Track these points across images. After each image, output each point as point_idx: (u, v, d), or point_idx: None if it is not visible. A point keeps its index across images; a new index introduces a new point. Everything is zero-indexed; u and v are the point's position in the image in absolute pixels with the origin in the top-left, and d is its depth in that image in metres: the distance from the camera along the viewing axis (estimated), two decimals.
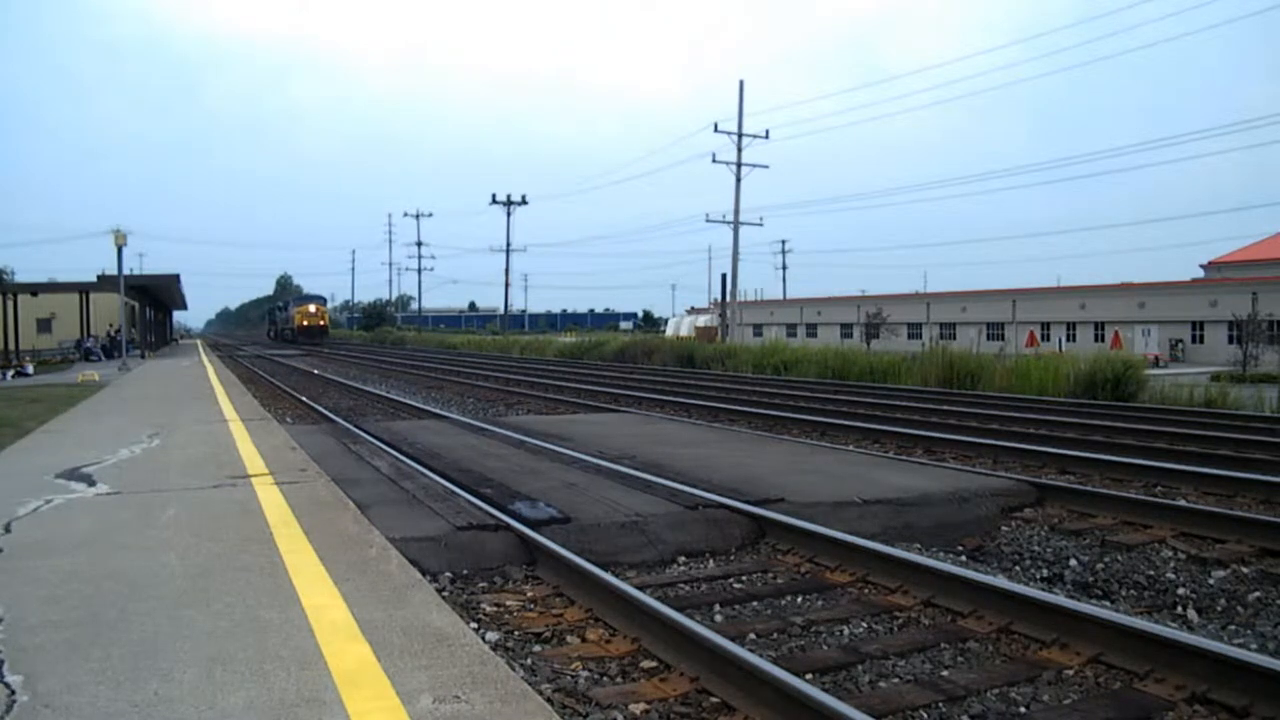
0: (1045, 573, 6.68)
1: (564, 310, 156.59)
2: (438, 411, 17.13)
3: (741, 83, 44.94)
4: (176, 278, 47.39)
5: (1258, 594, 5.98)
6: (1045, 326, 53.57)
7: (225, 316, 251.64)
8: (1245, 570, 6.33)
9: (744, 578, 6.13)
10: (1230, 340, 40.80)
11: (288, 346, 74.43)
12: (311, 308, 77.17)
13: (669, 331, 77.04)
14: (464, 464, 9.48)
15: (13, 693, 3.20)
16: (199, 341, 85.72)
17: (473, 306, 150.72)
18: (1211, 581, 6.22)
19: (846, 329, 64.39)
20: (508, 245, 67.12)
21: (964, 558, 6.92)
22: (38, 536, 5.58)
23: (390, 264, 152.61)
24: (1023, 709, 4.15)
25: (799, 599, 5.71)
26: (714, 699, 4.11)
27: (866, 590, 5.81)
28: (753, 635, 5.01)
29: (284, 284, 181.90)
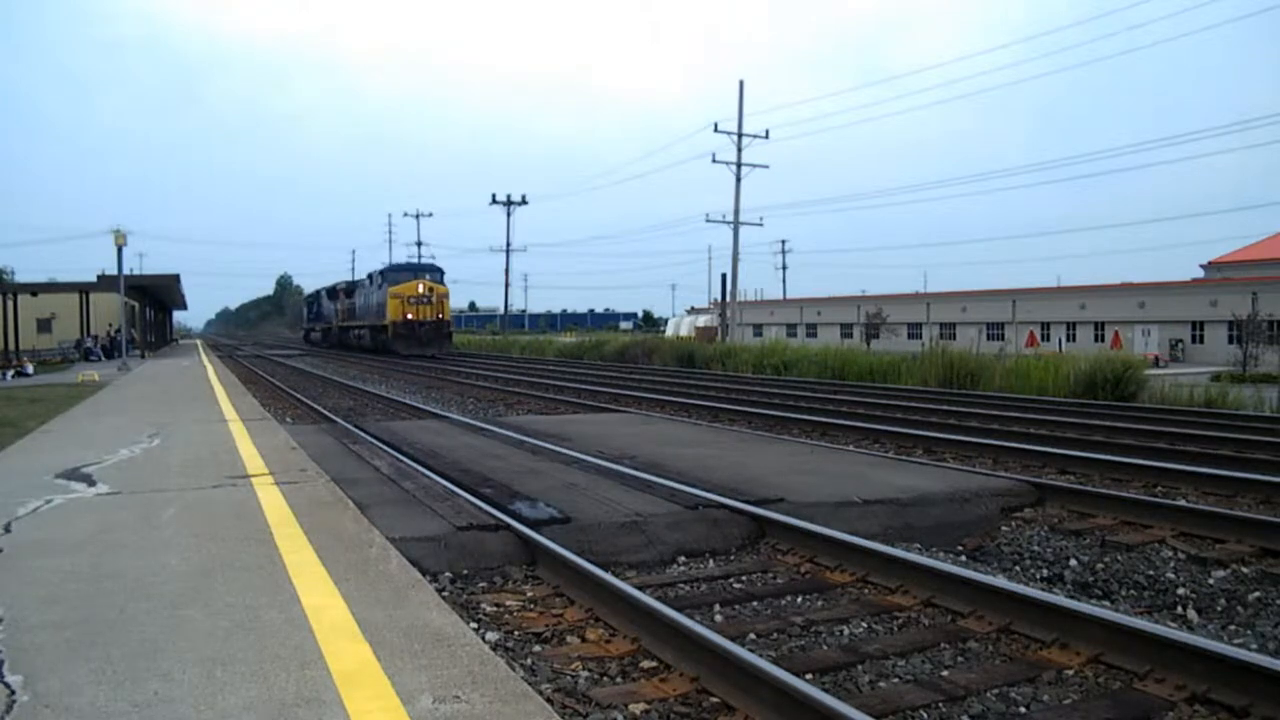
0: (1045, 573, 6.68)
1: (564, 310, 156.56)
2: (437, 411, 17.13)
3: (741, 83, 44.98)
4: (176, 278, 47.48)
5: (1258, 594, 5.98)
6: (1045, 326, 53.59)
7: (225, 316, 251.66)
8: (1245, 570, 6.33)
9: (744, 578, 6.12)
10: (1230, 340, 40.78)
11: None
12: (420, 287, 43.21)
13: (669, 331, 77.04)
14: (464, 464, 9.48)
15: (12, 693, 3.20)
16: (199, 342, 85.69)
17: (472, 306, 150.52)
18: (1211, 581, 6.22)
19: (846, 329, 64.39)
20: (508, 245, 67.02)
21: (964, 558, 6.92)
22: (38, 536, 5.58)
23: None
24: (1023, 709, 4.14)
25: (799, 599, 5.71)
26: (714, 699, 4.11)
27: (866, 590, 5.80)
28: (753, 635, 5.00)
29: (284, 284, 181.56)
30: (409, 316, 42.80)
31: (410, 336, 42.46)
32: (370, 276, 50.09)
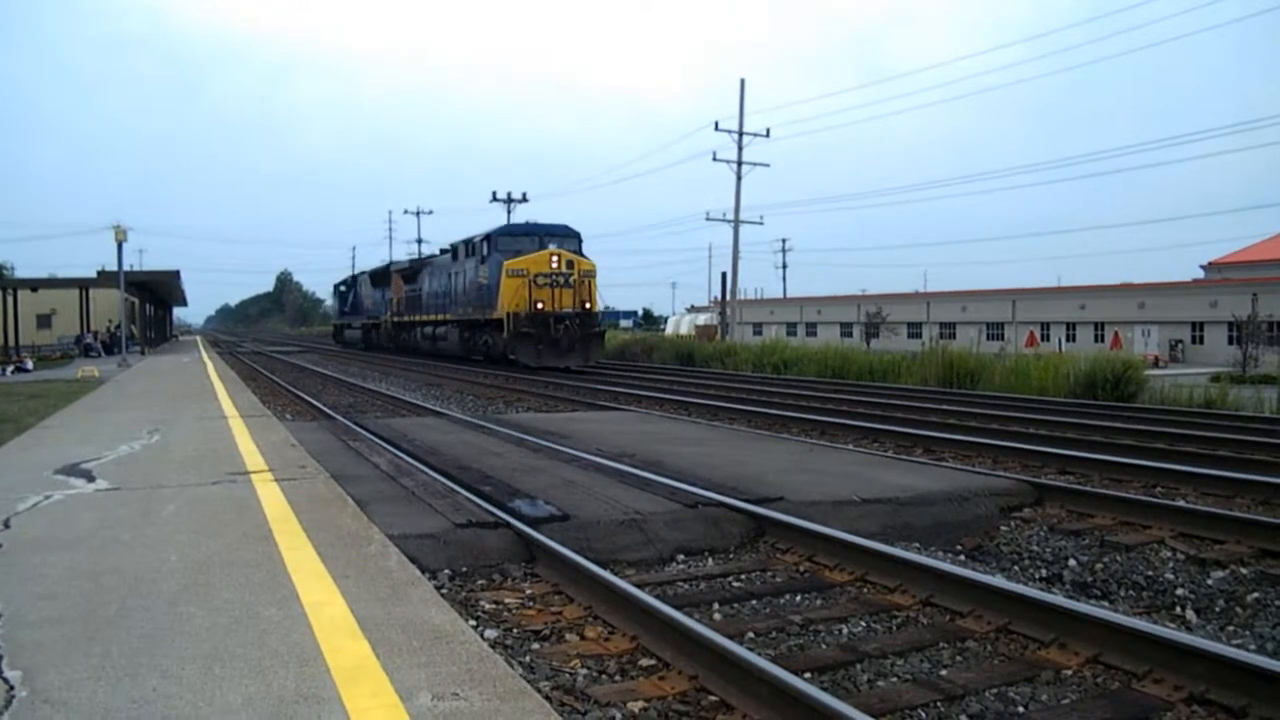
0: (1044, 572, 6.68)
1: None
2: (437, 409, 17.13)
3: (742, 81, 44.96)
4: (176, 274, 47.39)
5: (1256, 594, 5.98)
6: (1045, 326, 53.59)
7: (226, 313, 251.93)
8: (1244, 571, 6.33)
9: (743, 576, 6.13)
10: (1230, 341, 40.81)
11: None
12: (553, 260, 28.74)
13: (669, 330, 76.84)
14: (463, 461, 9.48)
15: (11, 688, 3.20)
16: (199, 338, 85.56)
17: None
18: (1210, 582, 6.22)
19: (846, 328, 64.38)
20: None
21: (963, 557, 6.92)
22: (37, 532, 5.58)
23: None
24: (1021, 709, 4.15)
25: (798, 598, 5.71)
26: (712, 697, 4.11)
27: (865, 589, 5.81)
28: (751, 634, 5.01)
29: (284, 280, 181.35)
30: (539, 306, 27.68)
31: (542, 337, 27.49)
32: (459, 248, 33.83)
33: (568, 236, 30.60)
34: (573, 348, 28.12)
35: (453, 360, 33.27)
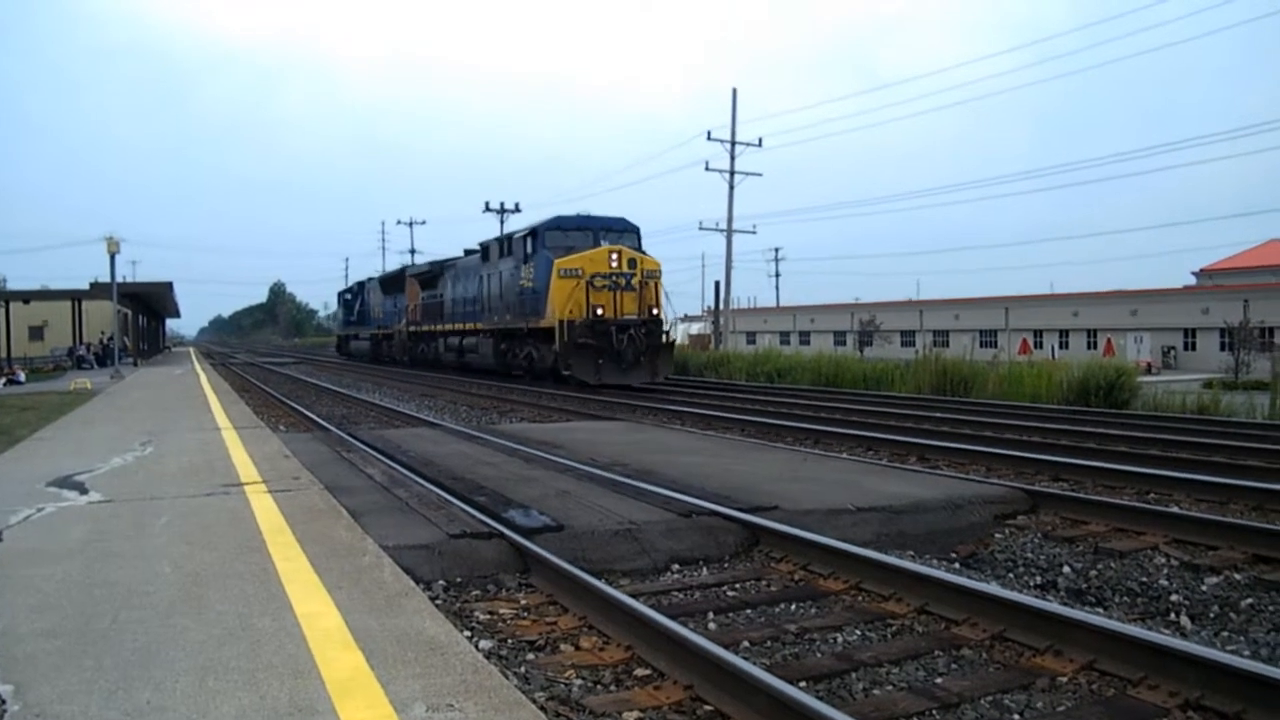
0: (1038, 580, 6.68)
1: None
2: (431, 419, 17.11)
3: (734, 90, 45.12)
4: (169, 285, 47.43)
5: (1250, 600, 6.00)
6: (1038, 334, 53.76)
7: (218, 324, 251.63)
8: (1238, 576, 6.34)
9: (738, 585, 6.12)
10: (1222, 347, 40.99)
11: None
12: (612, 257, 23.97)
13: None
14: (457, 472, 9.46)
15: (3, 702, 3.19)
16: (192, 350, 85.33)
17: None
18: (1204, 588, 6.23)
19: (840, 336, 64.46)
20: None
21: (957, 565, 6.92)
22: (29, 545, 5.56)
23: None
24: (1016, 716, 4.15)
25: (792, 606, 5.71)
26: (707, 707, 4.11)
27: (860, 598, 5.81)
28: (746, 643, 5.00)
29: (277, 291, 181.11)
30: (599, 312, 23.54)
31: (603, 350, 23.46)
32: (491, 247, 29.42)
33: (626, 231, 26.03)
34: (638, 361, 23.90)
35: (485, 375, 28.93)
